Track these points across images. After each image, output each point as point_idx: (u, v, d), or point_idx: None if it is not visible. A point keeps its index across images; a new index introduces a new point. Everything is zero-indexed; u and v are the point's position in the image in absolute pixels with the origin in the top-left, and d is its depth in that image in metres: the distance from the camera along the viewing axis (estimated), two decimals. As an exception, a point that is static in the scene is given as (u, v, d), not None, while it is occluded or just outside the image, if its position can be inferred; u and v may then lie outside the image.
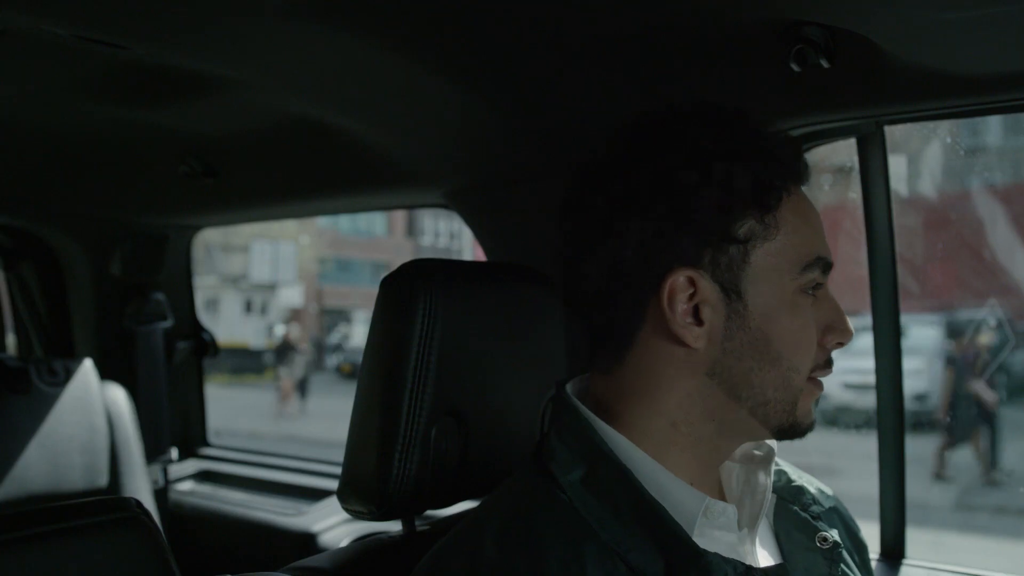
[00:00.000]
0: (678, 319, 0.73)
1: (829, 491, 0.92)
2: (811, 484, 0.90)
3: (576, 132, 1.32)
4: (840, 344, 0.78)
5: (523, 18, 1.00)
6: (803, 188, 0.80)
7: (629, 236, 0.74)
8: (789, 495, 0.86)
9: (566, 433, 0.77)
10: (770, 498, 0.81)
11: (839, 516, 0.90)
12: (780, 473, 0.87)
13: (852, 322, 0.79)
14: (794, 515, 0.84)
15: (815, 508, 0.85)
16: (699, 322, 0.74)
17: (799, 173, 0.78)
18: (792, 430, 0.78)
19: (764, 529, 0.83)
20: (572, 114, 1.27)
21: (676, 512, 0.71)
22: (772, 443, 0.83)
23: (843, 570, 0.81)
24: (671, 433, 0.76)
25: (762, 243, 0.74)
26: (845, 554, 0.83)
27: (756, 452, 0.84)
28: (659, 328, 0.74)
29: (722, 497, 0.82)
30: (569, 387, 0.82)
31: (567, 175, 0.82)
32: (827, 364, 0.79)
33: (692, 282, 0.73)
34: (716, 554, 0.69)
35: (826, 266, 0.77)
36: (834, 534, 0.82)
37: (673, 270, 0.73)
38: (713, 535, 0.74)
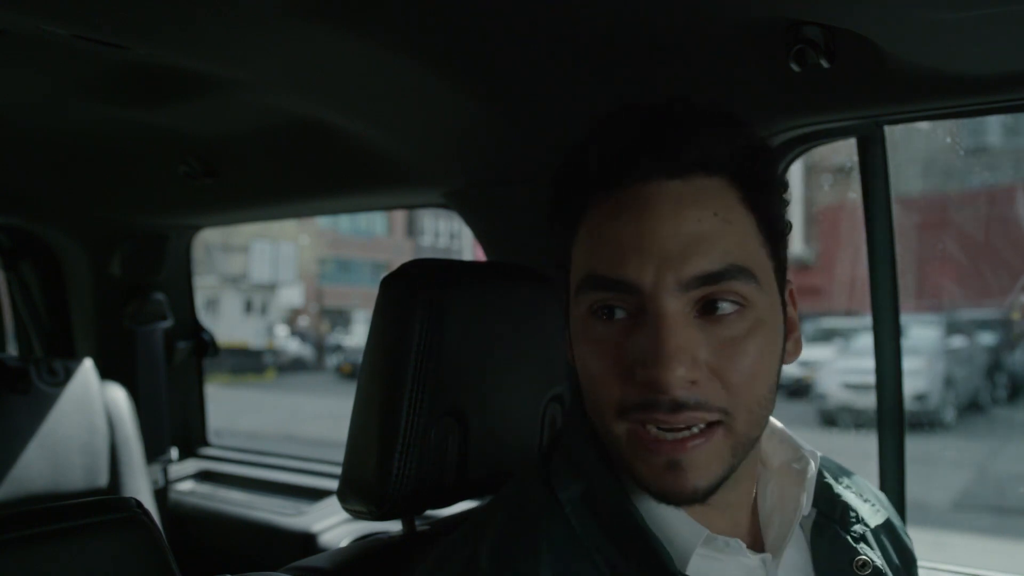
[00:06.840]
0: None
1: (884, 501, 0.85)
2: (860, 497, 0.82)
3: (576, 132, 1.31)
4: (650, 383, 0.61)
5: (523, 18, 1.00)
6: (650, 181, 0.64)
7: None
8: (830, 511, 0.78)
9: (573, 446, 0.74)
10: (803, 515, 0.74)
11: (889, 530, 0.83)
12: (825, 486, 0.79)
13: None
14: (834, 534, 0.76)
15: (857, 528, 0.77)
16: None
17: (604, 178, 0.67)
18: (652, 493, 0.66)
19: (800, 550, 0.76)
20: (572, 114, 1.27)
21: (672, 539, 0.67)
22: (811, 455, 0.75)
23: None
24: None
25: (572, 266, 0.70)
26: None
27: (794, 465, 0.76)
28: None
29: (754, 513, 0.76)
30: None
31: None
32: (641, 407, 0.63)
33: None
34: None
35: (607, 283, 0.64)
36: (875, 557, 0.74)
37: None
38: (721, 562, 0.69)
